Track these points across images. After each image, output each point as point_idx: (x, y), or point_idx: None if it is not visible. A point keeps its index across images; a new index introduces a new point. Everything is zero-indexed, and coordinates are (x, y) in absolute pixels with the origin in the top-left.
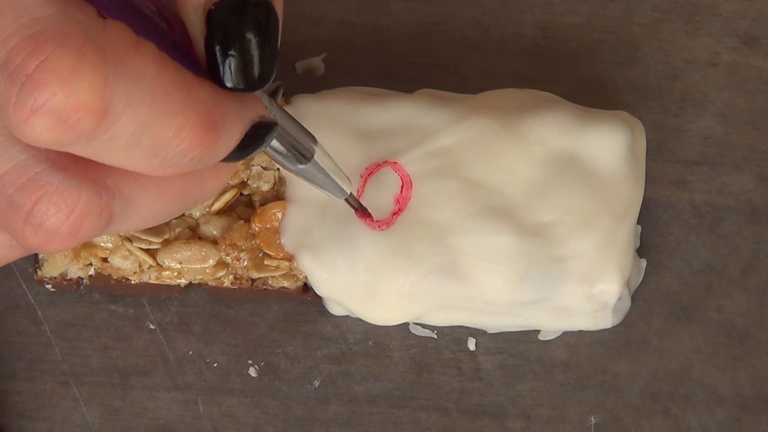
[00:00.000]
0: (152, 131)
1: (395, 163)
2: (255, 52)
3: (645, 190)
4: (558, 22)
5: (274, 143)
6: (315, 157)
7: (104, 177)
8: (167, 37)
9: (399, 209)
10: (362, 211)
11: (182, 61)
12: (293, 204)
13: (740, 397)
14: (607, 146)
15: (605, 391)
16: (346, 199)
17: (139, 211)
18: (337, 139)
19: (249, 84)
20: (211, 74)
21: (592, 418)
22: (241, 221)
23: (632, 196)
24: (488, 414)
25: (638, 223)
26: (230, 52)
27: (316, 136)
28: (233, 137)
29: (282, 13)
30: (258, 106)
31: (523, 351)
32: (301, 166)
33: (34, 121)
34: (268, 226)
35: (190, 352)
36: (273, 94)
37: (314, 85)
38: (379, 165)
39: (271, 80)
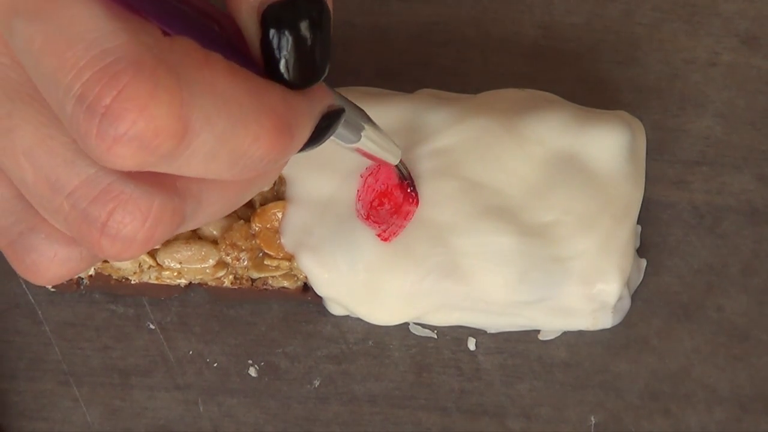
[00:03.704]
0: (230, 143)
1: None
2: (310, 48)
3: (645, 190)
4: (558, 22)
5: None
6: (365, 131)
7: (174, 180)
8: (224, 41)
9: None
10: (409, 181)
11: (242, 62)
12: (293, 204)
13: (740, 397)
14: (607, 146)
15: (605, 391)
16: (396, 166)
17: (208, 209)
18: None
19: (306, 79)
20: (270, 74)
21: (592, 418)
22: (241, 221)
23: (632, 196)
24: (488, 414)
25: (638, 223)
26: (285, 51)
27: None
28: (305, 134)
29: (332, 6)
30: (326, 97)
31: (523, 351)
32: (355, 141)
33: (117, 149)
34: (268, 226)
35: (190, 352)
36: None
37: None
38: (379, 165)
39: (326, 73)
